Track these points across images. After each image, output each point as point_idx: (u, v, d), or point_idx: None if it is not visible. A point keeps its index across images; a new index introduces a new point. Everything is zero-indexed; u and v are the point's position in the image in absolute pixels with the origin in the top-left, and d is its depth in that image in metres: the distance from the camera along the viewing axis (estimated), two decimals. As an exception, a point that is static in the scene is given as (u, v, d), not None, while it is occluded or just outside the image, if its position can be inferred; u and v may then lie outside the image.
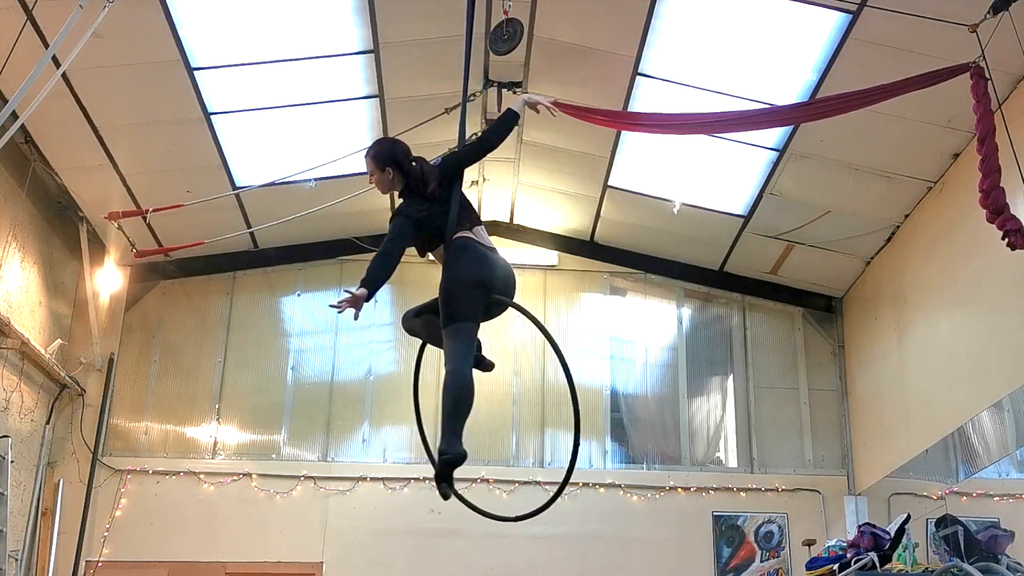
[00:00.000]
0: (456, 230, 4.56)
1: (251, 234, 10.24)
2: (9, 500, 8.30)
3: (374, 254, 4.49)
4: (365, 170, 4.75)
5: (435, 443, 4.72)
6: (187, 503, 9.88)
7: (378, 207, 10.40)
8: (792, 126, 8.31)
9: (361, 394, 10.44)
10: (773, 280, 10.82)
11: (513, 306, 4.57)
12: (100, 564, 9.54)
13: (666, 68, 8.20)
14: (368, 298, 4.31)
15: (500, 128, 4.86)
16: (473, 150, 4.91)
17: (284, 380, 10.54)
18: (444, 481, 4.30)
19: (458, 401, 4.30)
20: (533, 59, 8.48)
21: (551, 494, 4.79)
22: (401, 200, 4.69)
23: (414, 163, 4.65)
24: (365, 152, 4.74)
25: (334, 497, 9.95)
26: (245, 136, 8.96)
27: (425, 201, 4.55)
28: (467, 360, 4.41)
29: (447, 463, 4.24)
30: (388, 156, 4.66)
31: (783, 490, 10.33)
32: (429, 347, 4.83)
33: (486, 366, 4.74)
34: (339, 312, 4.23)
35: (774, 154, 8.80)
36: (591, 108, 8.09)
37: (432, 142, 8.82)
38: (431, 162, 4.71)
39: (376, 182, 4.71)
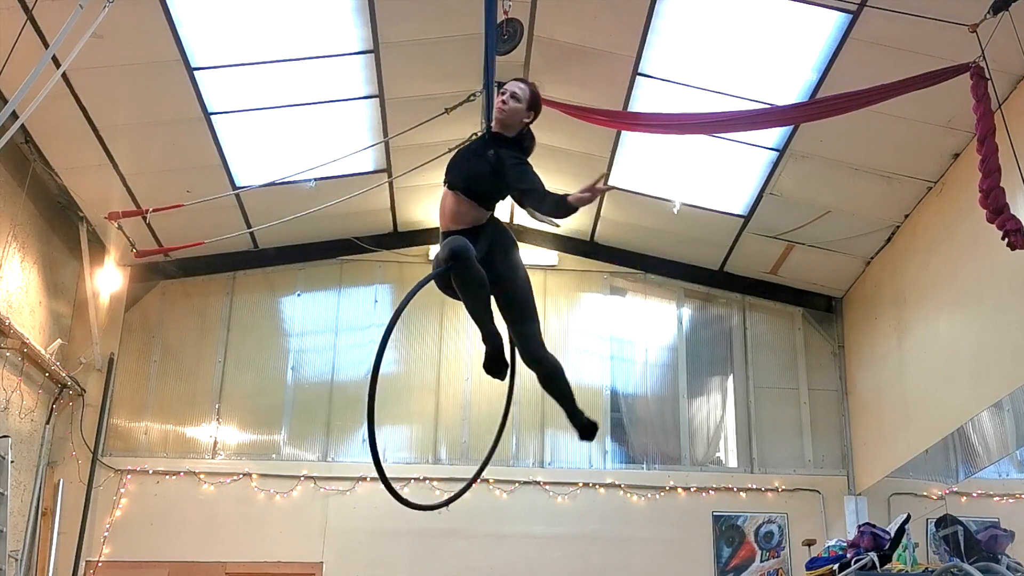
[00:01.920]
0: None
1: (251, 234, 10.24)
2: (9, 500, 8.30)
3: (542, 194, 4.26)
4: (508, 87, 4.44)
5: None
6: (187, 503, 9.88)
7: (378, 207, 10.41)
8: (792, 126, 8.31)
9: (361, 394, 10.42)
10: (773, 280, 10.82)
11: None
12: (100, 564, 9.54)
13: (666, 68, 8.20)
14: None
15: (540, 206, 4.41)
16: (517, 185, 4.43)
17: (284, 380, 10.54)
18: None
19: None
20: (533, 59, 8.48)
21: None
22: (494, 143, 4.41)
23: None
24: (525, 81, 4.52)
25: (334, 497, 9.95)
26: (245, 136, 8.96)
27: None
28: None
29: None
30: (538, 106, 4.53)
31: (783, 490, 10.33)
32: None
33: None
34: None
35: (774, 154, 8.80)
36: (591, 108, 8.12)
37: (432, 142, 8.82)
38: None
39: (510, 110, 4.41)
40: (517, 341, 4.55)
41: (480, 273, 4.17)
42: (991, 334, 7.64)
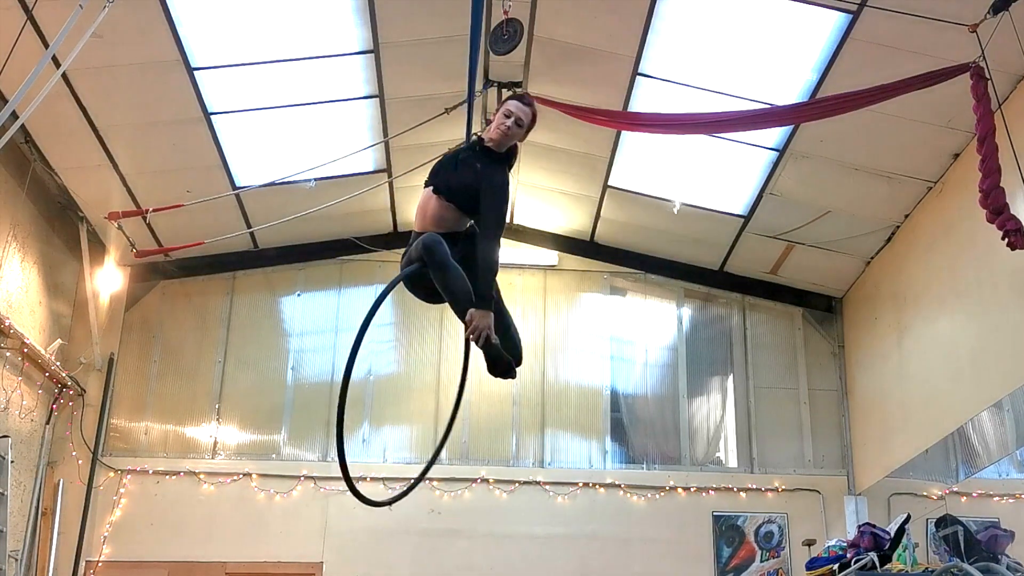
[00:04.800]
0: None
1: (251, 234, 10.24)
2: (9, 500, 8.30)
3: (493, 246, 4.19)
4: (514, 111, 4.48)
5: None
6: (187, 503, 9.88)
7: (378, 207, 10.42)
8: (792, 126, 8.31)
9: (361, 394, 10.43)
10: (773, 280, 10.82)
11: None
12: (100, 564, 9.54)
13: (666, 68, 8.20)
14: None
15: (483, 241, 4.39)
16: (483, 210, 4.47)
17: (284, 380, 10.54)
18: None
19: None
20: (533, 59, 8.48)
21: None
22: (494, 160, 4.46)
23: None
24: (529, 102, 4.59)
25: (334, 497, 9.95)
26: (245, 136, 8.96)
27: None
28: None
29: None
30: (532, 127, 4.61)
31: (783, 490, 10.33)
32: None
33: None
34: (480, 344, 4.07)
35: (774, 154, 8.80)
36: (591, 108, 8.13)
37: (432, 142, 8.84)
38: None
39: (512, 135, 4.50)
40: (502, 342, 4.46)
41: (456, 268, 4.16)
42: (991, 334, 7.64)
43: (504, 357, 4.18)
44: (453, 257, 4.18)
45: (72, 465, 9.72)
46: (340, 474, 4.16)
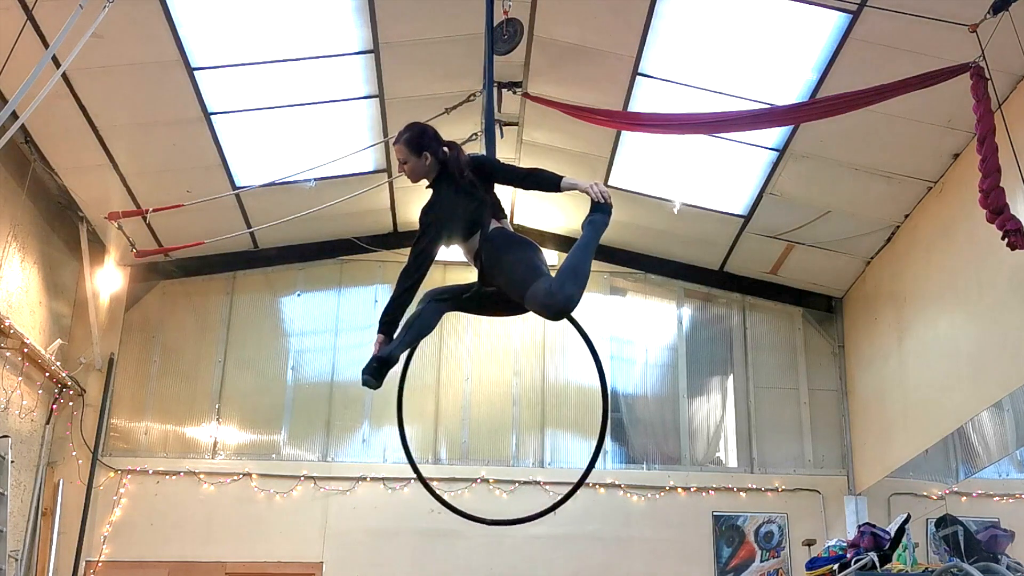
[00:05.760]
0: (490, 222, 4.43)
1: (251, 234, 10.24)
2: (9, 500, 8.29)
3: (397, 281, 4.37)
4: (398, 158, 4.44)
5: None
6: (187, 503, 9.88)
7: (378, 207, 10.42)
8: (792, 126, 8.31)
9: (361, 394, 10.42)
10: (773, 280, 10.82)
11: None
12: (100, 564, 9.54)
13: (666, 68, 8.20)
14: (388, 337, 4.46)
15: (538, 182, 4.62)
16: (510, 173, 4.61)
17: (284, 380, 10.53)
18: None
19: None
20: (533, 59, 8.48)
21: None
22: (432, 191, 4.39)
23: (448, 148, 4.40)
24: (395, 139, 4.47)
25: (334, 497, 9.95)
26: (245, 136, 8.96)
27: (458, 192, 4.31)
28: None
29: None
30: (422, 140, 4.39)
31: (783, 490, 10.33)
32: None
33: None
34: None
35: (774, 154, 8.80)
36: (591, 108, 8.13)
37: (432, 142, 8.82)
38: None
39: (409, 170, 4.42)
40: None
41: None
42: (991, 334, 7.64)
43: (369, 367, 4.53)
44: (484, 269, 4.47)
45: (72, 465, 9.71)
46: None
